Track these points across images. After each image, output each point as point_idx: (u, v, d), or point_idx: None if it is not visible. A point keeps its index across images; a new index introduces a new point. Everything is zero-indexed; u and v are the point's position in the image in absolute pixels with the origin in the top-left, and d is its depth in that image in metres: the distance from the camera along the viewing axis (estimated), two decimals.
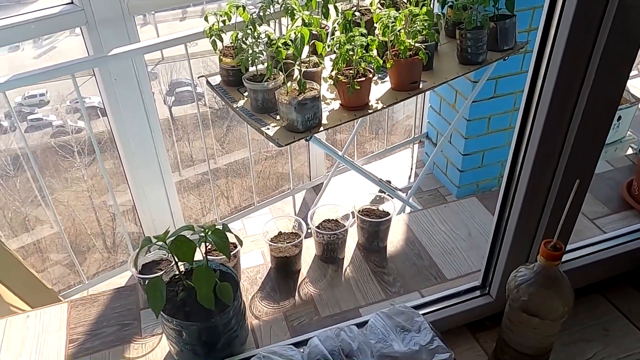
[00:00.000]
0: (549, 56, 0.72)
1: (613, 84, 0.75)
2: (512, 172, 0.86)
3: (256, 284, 1.12)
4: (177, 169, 3.93)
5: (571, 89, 0.74)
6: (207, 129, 5.16)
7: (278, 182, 3.87)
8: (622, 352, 0.95)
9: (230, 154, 4.07)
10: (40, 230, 4.26)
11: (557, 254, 0.73)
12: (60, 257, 3.82)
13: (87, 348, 1.00)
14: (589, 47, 0.71)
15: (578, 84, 0.74)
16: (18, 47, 8.53)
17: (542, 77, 0.74)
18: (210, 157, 3.67)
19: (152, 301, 0.81)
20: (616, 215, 1.26)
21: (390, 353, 0.84)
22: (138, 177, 2.16)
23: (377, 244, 1.18)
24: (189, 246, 0.83)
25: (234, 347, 0.92)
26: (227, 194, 3.86)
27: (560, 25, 0.69)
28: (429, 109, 2.82)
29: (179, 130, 5.52)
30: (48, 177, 5.55)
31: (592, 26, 0.69)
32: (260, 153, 3.83)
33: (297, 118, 1.53)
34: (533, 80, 0.76)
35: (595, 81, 0.72)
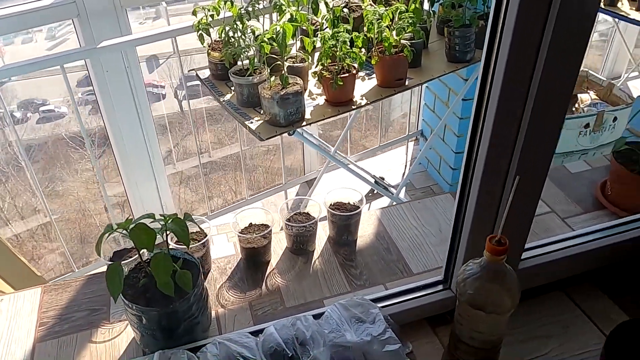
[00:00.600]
0: (495, 59, 0.73)
1: (559, 86, 0.76)
2: (467, 169, 0.87)
3: (225, 274, 1.14)
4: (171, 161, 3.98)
5: (518, 92, 0.75)
6: (217, 123, 5.19)
7: (273, 177, 3.90)
8: (578, 349, 0.96)
9: (226, 147, 4.10)
10: (39, 218, 4.32)
11: (500, 248, 0.75)
12: (57, 245, 3.88)
13: (56, 331, 1.03)
14: (533, 54, 0.72)
15: (526, 84, 0.75)
16: (31, 39, 8.65)
17: (490, 79, 0.75)
18: (204, 151, 3.70)
19: (110, 286, 0.84)
20: (588, 215, 1.27)
21: (342, 342, 0.86)
22: (130, 170, 2.19)
23: (346, 238, 1.20)
24: (149, 234, 0.85)
25: (195, 333, 0.95)
26: (221, 187, 3.90)
27: (505, 27, 0.70)
28: (423, 106, 2.83)
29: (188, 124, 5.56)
30: (58, 168, 5.62)
31: (537, 24, 0.70)
32: (257, 147, 3.86)
33: (279, 112, 1.55)
34: (483, 84, 0.77)
35: (542, 81, 0.74)
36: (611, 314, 1.02)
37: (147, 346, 0.94)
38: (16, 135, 5.01)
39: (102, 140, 4.91)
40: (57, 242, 3.75)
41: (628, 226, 1.11)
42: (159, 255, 0.86)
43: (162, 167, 2.29)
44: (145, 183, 2.23)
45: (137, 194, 2.28)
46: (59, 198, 5.38)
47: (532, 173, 0.83)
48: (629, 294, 1.06)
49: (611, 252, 1.09)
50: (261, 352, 0.85)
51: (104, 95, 1.99)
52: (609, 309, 1.04)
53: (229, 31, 1.66)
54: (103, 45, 1.73)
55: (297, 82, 1.56)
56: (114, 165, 2.13)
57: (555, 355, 0.95)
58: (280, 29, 1.47)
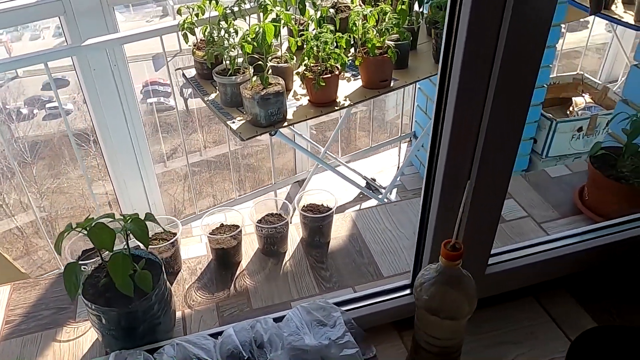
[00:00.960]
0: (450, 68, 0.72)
1: (516, 94, 0.75)
2: (429, 176, 0.86)
3: (195, 274, 1.14)
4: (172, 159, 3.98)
5: (475, 100, 0.74)
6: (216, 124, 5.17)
7: (265, 176, 3.90)
8: (544, 356, 0.95)
9: (219, 146, 4.10)
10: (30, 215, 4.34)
11: (455, 254, 0.74)
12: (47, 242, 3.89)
13: (21, 329, 1.02)
14: (488, 63, 0.71)
15: (482, 92, 0.74)
16: (39, 36, 8.71)
17: (446, 86, 0.75)
18: (197, 150, 3.70)
19: (67, 285, 0.83)
20: (565, 220, 1.26)
21: (300, 346, 0.85)
22: (118, 168, 2.20)
23: (319, 240, 1.19)
24: (108, 234, 0.85)
25: (157, 334, 0.94)
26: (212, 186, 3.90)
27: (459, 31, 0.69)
28: (416, 108, 2.82)
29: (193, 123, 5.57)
30: (63, 164, 5.64)
31: (491, 30, 0.69)
32: (250, 147, 3.85)
33: (260, 112, 1.54)
34: (440, 91, 0.77)
35: (498, 88, 0.73)
36: (581, 321, 1.01)
37: (109, 346, 0.94)
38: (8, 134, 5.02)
39: None
40: (50, 238, 3.78)
41: (601, 232, 1.10)
42: (118, 255, 0.86)
43: (150, 165, 2.29)
44: (133, 181, 2.24)
45: (125, 193, 2.28)
46: (63, 194, 5.41)
47: (491, 180, 0.82)
48: (600, 301, 1.05)
49: (584, 258, 1.08)
50: (218, 355, 0.84)
51: (91, 93, 1.99)
52: (579, 316, 1.02)
53: (213, 30, 1.66)
54: (88, 43, 1.73)
55: (278, 82, 1.56)
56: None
57: None
58: (260, 29, 1.46)
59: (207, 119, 5.49)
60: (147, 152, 2.22)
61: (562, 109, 2.95)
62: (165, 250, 1.09)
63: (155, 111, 6.94)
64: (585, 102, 2.87)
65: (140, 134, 2.15)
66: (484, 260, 0.97)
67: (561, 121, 2.62)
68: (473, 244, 0.91)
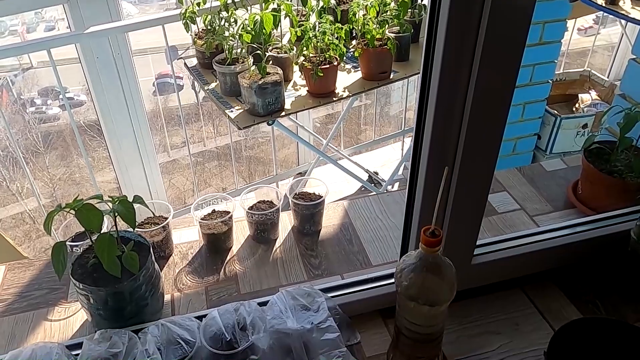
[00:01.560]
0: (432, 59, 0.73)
1: (496, 85, 0.75)
2: (414, 163, 0.87)
3: (186, 259, 1.15)
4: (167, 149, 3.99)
5: (456, 89, 0.75)
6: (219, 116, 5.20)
7: (268, 168, 3.91)
8: (526, 347, 0.95)
9: (222, 137, 4.12)
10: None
11: (433, 240, 0.74)
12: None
13: (14, 308, 1.05)
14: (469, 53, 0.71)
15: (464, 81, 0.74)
16: (53, 27, 8.79)
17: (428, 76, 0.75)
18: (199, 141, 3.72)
19: (54, 264, 0.85)
20: (557, 213, 1.25)
21: (283, 329, 0.86)
22: (120, 157, 2.22)
23: (310, 227, 1.20)
24: (95, 214, 0.86)
25: (144, 315, 0.96)
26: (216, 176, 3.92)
27: None
28: None
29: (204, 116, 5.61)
30: (75, 155, 5.70)
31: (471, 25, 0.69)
32: (254, 139, 3.87)
33: (258, 102, 1.55)
34: (423, 86, 0.77)
35: (480, 70, 0.73)
36: (566, 313, 1.01)
37: (97, 325, 0.95)
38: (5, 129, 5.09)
39: None
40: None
41: (591, 225, 1.10)
42: (104, 236, 0.87)
43: (153, 155, 2.31)
44: (136, 171, 2.26)
45: (127, 181, 2.31)
46: (75, 184, 5.47)
47: (475, 167, 0.83)
48: (587, 293, 1.05)
49: (572, 250, 1.08)
50: (202, 336, 0.86)
51: (94, 82, 2.01)
52: (565, 308, 1.02)
53: (214, 19, 1.67)
54: (90, 30, 1.75)
55: (277, 72, 1.57)
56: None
57: (504, 352, 0.94)
58: (258, 18, 1.47)
59: (217, 111, 5.52)
60: (150, 141, 2.24)
61: (568, 106, 2.92)
62: (157, 234, 1.11)
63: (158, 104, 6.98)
64: (592, 99, 2.84)
65: (143, 123, 2.17)
66: (469, 249, 0.97)
67: (566, 117, 2.60)
68: (458, 232, 0.91)
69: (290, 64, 1.74)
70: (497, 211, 1.26)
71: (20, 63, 7.73)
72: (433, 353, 0.87)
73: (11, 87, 7.63)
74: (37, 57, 7.88)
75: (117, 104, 2.04)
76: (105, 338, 0.85)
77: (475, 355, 0.93)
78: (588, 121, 2.61)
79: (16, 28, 8.53)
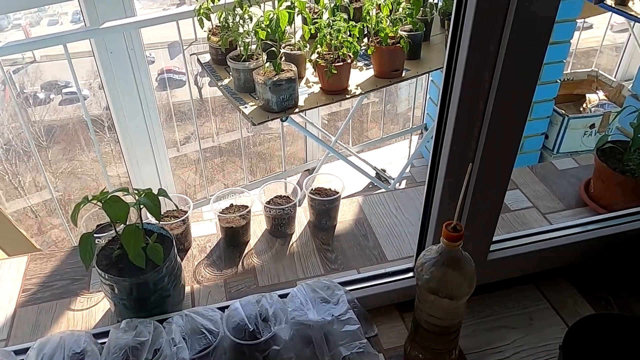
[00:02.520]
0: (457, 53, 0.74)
1: (519, 84, 0.77)
2: (434, 159, 0.89)
3: (205, 252, 1.17)
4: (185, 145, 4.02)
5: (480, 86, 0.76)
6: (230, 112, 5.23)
7: (276, 164, 3.93)
8: (541, 341, 0.97)
9: (231, 133, 4.13)
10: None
11: (455, 235, 0.76)
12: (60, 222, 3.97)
13: (37, 298, 1.07)
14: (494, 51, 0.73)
15: (490, 70, 0.76)
16: (56, 22, 8.80)
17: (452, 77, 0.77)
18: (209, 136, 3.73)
19: (82, 254, 0.87)
20: (569, 211, 1.27)
21: (304, 321, 0.88)
22: (132, 152, 2.24)
23: (325, 223, 1.22)
24: (122, 207, 0.88)
25: (167, 305, 0.98)
26: (224, 172, 3.94)
27: None
28: (428, 100, 2.83)
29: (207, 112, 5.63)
30: (78, 149, 5.72)
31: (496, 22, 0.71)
32: (262, 135, 3.89)
33: (272, 98, 1.57)
34: (446, 84, 0.79)
35: (505, 65, 0.74)
36: (580, 309, 1.03)
37: (120, 315, 0.98)
38: None
39: None
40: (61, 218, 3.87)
41: (604, 223, 1.12)
42: (130, 228, 0.89)
43: (164, 148, 2.33)
44: (147, 165, 2.28)
45: (138, 175, 2.32)
46: (77, 179, 5.50)
47: (495, 163, 0.84)
48: (599, 290, 1.07)
49: (586, 248, 1.09)
50: (225, 326, 0.88)
51: (108, 76, 2.03)
52: (578, 304, 1.04)
53: (228, 16, 1.69)
54: (105, 26, 1.76)
55: (291, 69, 1.58)
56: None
57: (519, 346, 0.96)
58: (274, 16, 1.49)
59: (221, 107, 5.54)
60: (161, 135, 2.26)
61: (576, 106, 2.94)
62: (177, 227, 1.13)
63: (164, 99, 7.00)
64: (599, 99, 2.86)
65: (155, 118, 2.19)
66: (486, 245, 0.99)
67: (573, 117, 2.61)
68: (475, 228, 0.93)
69: (303, 61, 1.75)
70: (510, 209, 1.28)
71: (23, 57, 7.74)
72: (450, 346, 0.89)
73: (14, 81, 7.65)
74: (41, 51, 7.89)
75: (130, 99, 2.06)
76: (131, 327, 0.87)
77: (491, 349, 0.95)
78: (596, 121, 2.63)
79: (19, 22, 8.54)
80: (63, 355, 0.82)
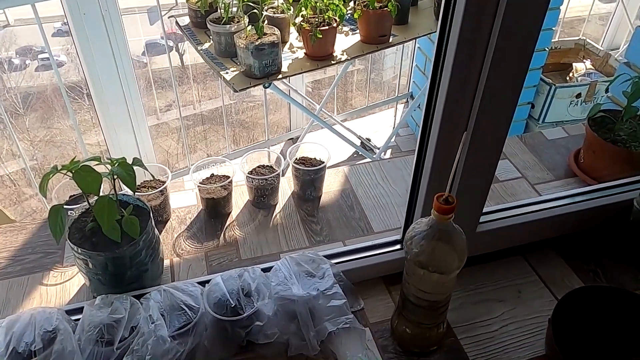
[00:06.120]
0: None
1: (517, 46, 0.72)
2: (425, 127, 0.84)
3: (184, 224, 1.13)
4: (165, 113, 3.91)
5: (477, 42, 0.72)
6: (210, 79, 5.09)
7: (259, 133, 3.86)
8: (529, 314, 0.95)
9: (212, 100, 4.03)
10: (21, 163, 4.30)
11: (447, 207, 0.73)
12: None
13: (7, 272, 1.02)
14: None
15: (486, 33, 0.71)
16: None
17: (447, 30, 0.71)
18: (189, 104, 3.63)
19: (52, 227, 0.82)
20: (559, 182, 1.25)
21: (288, 295, 0.85)
22: (109, 120, 2.15)
23: (310, 193, 1.18)
24: (94, 177, 0.83)
25: (144, 280, 0.94)
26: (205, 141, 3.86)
27: None
28: (414, 68, 2.77)
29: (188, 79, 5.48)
30: (56, 117, 5.56)
31: None
32: (244, 103, 3.79)
33: (254, 64, 1.50)
34: (439, 47, 0.74)
35: (502, 29, 0.70)
36: (568, 281, 1.02)
37: (96, 291, 0.93)
38: None
39: None
40: (36, 188, 3.77)
41: (592, 195, 1.10)
42: (104, 199, 0.84)
43: (142, 116, 2.25)
44: (125, 134, 2.20)
45: (116, 144, 2.24)
46: (56, 147, 5.36)
47: (489, 132, 0.81)
48: (588, 262, 1.05)
49: (574, 219, 1.07)
50: (205, 302, 0.84)
51: (81, 39, 1.92)
52: (567, 276, 1.03)
53: None
54: None
55: (274, 33, 1.51)
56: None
57: (507, 319, 0.95)
58: None
59: (203, 74, 5.40)
60: (139, 102, 2.17)
61: (562, 75, 2.91)
62: (154, 198, 1.08)
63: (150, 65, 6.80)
64: (586, 69, 2.83)
65: (132, 84, 2.10)
66: (475, 217, 0.96)
67: (560, 86, 2.59)
68: (465, 200, 0.90)
69: (287, 24, 1.68)
70: (499, 179, 1.25)
71: None
72: (439, 320, 0.86)
73: None
74: (15, 14, 7.56)
75: (106, 64, 1.96)
76: (106, 304, 0.82)
77: (478, 322, 0.94)
78: (582, 91, 2.61)
79: None
80: (34, 333, 0.77)
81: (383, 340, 0.90)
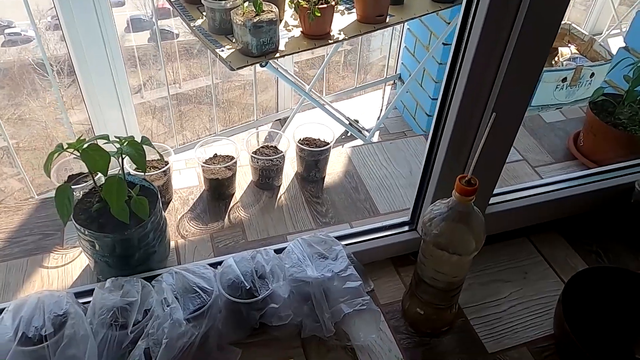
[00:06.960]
0: None
1: (541, 31, 0.71)
2: (442, 107, 0.84)
3: (187, 205, 1.10)
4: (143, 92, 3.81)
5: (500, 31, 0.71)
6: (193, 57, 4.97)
7: (247, 113, 3.80)
8: (536, 294, 0.97)
9: (198, 79, 3.94)
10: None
11: (470, 189, 0.72)
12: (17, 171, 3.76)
13: (5, 254, 0.98)
14: None
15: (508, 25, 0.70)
16: None
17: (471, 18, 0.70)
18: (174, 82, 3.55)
19: (59, 208, 0.79)
20: (558, 165, 1.26)
21: (302, 277, 0.84)
22: (94, 97, 2.08)
23: (314, 174, 1.17)
24: (102, 156, 0.80)
25: (152, 262, 0.91)
26: (193, 120, 3.79)
27: None
28: (403, 49, 2.75)
29: None
30: (25, 95, 5.37)
31: None
32: (231, 82, 3.72)
33: (252, 41, 1.46)
34: (463, 22, 0.73)
35: (524, 24, 0.69)
36: (572, 262, 1.03)
37: (101, 273, 0.91)
38: None
39: (71, 69, 4.68)
40: (18, 168, 3.65)
41: (595, 177, 1.11)
42: (113, 179, 0.81)
43: (128, 94, 2.18)
44: (111, 112, 2.13)
45: (102, 122, 2.18)
46: (25, 126, 5.17)
47: (508, 115, 0.80)
48: (590, 244, 1.07)
49: (577, 202, 1.09)
50: (219, 284, 0.83)
51: (66, 16, 1.84)
52: (570, 257, 1.04)
53: None
54: None
55: (272, 10, 1.48)
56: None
57: (515, 299, 0.96)
58: None
59: (186, 51, 5.26)
60: (124, 77, 2.11)
61: (548, 59, 2.94)
62: (157, 179, 1.05)
63: None
64: (571, 53, 2.86)
65: (118, 57, 2.03)
66: (486, 199, 0.96)
67: (547, 70, 2.61)
68: (480, 181, 0.90)
69: (282, 2, 1.64)
70: None
71: None
72: (452, 301, 0.87)
73: None
74: None
75: (93, 41, 1.89)
76: (116, 286, 0.80)
77: (487, 302, 0.95)
78: (567, 75, 2.64)
79: None
80: (43, 317, 0.75)
81: (395, 322, 0.91)
